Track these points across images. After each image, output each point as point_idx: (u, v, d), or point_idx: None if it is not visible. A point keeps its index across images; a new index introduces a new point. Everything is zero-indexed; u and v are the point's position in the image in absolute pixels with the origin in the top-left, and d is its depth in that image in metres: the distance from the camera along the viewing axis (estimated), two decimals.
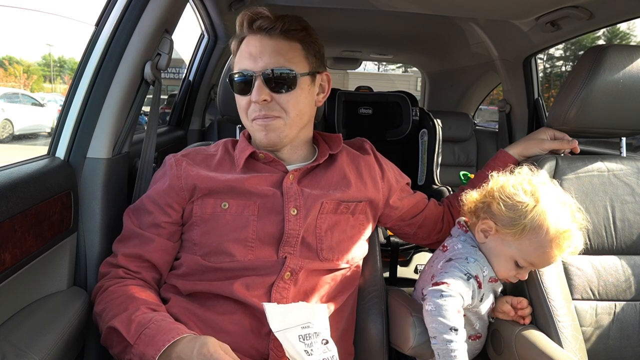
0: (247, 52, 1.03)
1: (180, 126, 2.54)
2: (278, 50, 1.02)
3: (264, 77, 1.00)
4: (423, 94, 4.16)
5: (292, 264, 1.01)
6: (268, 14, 1.02)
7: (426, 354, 1.04)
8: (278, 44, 1.02)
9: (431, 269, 1.13)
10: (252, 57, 1.02)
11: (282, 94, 1.02)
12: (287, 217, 1.03)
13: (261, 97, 1.00)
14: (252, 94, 1.01)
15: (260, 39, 1.02)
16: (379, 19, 2.47)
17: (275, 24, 1.01)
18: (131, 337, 0.86)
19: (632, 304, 1.17)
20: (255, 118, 1.04)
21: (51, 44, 36.33)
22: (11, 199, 0.86)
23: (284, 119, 1.04)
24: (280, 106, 1.03)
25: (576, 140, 1.28)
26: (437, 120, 2.28)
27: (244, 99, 1.05)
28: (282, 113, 1.03)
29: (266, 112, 1.02)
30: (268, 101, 1.01)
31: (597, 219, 1.21)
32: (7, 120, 8.54)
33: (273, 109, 1.02)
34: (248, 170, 1.08)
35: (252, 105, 1.03)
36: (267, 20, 1.02)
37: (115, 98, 1.17)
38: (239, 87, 1.05)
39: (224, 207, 1.04)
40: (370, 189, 1.15)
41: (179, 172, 1.06)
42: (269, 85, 1.01)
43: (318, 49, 1.09)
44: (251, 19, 1.03)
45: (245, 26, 1.04)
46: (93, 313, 1.00)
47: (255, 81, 1.01)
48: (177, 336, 0.84)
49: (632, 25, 8.85)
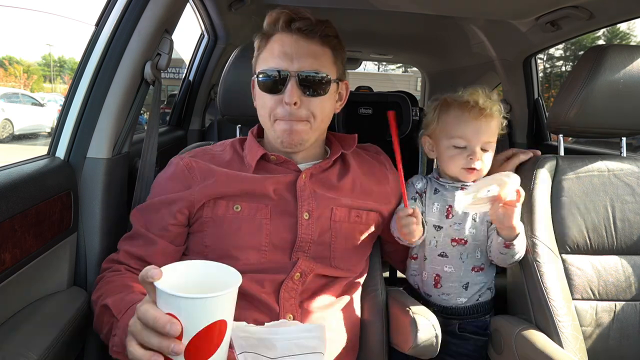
0: (280, 51, 1.01)
1: (180, 126, 2.53)
2: (314, 54, 1.01)
3: (299, 78, 0.99)
4: (423, 94, 4.16)
5: (303, 266, 1.01)
6: (310, 16, 1.01)
7: (426, 353, 1.04)
8: (314, 47, 1.02)
9: None
10: (287, 56, 1.00)
11: (312, 98, 1.01)
12: (300, 222, 1.03)
13: (293, 99, 0.98)
14: (284, 94, 0.99)
15: (296, 40, 1.01)
16: (379, 19, 2.47)
17: (315, 27, 1.01)
18: (119, 312, 0.85)
19: (632, 303, 1.17)
20: (280, 119, 1.02)
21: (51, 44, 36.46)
22: (11, 199, 0.86)
23: (311, 123, 1.03)
24: (309, 110, 1.01)
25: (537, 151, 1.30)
26: None
27: (272, 98, 1.02)
28: (310, 117, 1.02)
29: (296, 113, 1.00)
30: (298, 104, 1.00)
31: (598, 218, 1.21)
32: (7, 120, 8.54)
33: (301, 112, 1.01)
34: (260, 171, 1.07)
35: (281, 106, 1.01)
36: (308, 22, 1.01)
37: (115, 98, 1.17)
38: (269, 85, 1.02)
39: (237, 210, 1.03)
40: (381, 202, 1.15)
41: (192, 176, 1.05)
42: (302, 88, 0.99)
43: (343, 57, 1.09)
44: (290, 18, 1.01)
45: (282, 24, 1.02)
46: (91, 302, 1.00)
47: (288, 81, 0.99)
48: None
49: (632, 25, 8.86)
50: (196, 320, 0.62)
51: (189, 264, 0.70)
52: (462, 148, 1.17)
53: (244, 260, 1.00)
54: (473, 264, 1.20)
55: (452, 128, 1.18)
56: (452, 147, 1.18)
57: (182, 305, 0.62)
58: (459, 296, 1.20)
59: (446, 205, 1.21)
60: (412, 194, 1.25)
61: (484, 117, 1.15)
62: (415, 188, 1.26)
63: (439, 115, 1.21)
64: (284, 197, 1.05)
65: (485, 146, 1.18)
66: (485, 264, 1.21)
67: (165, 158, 1.25)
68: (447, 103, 1.20)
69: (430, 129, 1.25)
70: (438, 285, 1.20)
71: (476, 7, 1.84)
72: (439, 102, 1.23)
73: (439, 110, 1.22)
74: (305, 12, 1.02)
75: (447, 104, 1.20)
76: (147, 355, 0.65)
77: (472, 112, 1.15)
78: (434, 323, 1.03)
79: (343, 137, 1.20)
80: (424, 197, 1.24)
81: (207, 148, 1.16)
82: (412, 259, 1.27)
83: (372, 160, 1.22)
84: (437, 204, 1.22)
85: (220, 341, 0.64)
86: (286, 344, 0.93)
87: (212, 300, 0.62)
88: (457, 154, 1.18)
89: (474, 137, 1.16)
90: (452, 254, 1.19)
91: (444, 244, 1.20)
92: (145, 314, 0.64)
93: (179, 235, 1.05)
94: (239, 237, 1.01)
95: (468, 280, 1.20)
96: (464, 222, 1.19)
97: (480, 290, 1.21)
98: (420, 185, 1.26)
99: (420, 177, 1.28)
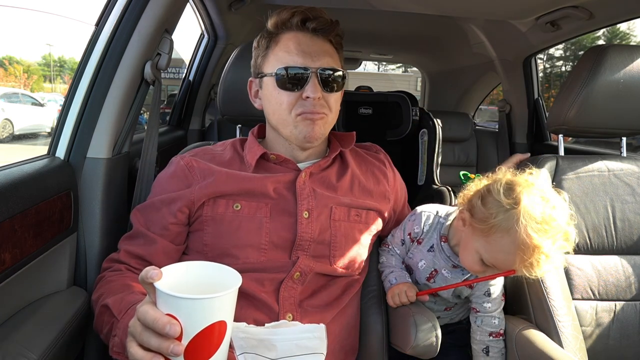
0: (297, 49, 1.03)
1: (180, 126, 2.54)
2: (329, 52, 1.06)
3: (320, 74, 1.02)
4: (423, 94, 4.16)
5: (302, 265, 1.02)
6: (326, 17, 1.06)
7: (426, 353, 1.04)
8: (327, 46, 1.06)
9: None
10: (306, 54, 1.03)
11: (331, 94, 1.05)
12: (299, 220, 1.03)
13: (317, 94, 1.01)
14: (306, 90, 1.02)
15: (311, 38, 1.04)
16: (379, 19, 2.47)
17: (330, 27, 1.05)
18: (119, 312, 0.85)
19: (632, 303, 1.17)
20: (302, 113, 1.04)
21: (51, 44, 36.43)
22: (11, 199, 0.86)
23: (328, 117, 1.07)
24: (327, 105, 1.05)
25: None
26: (437, 120, 2.28)
27: (292, 95, 1.03)
28: (328, 111, 1.06)
29: (318, 108, 1.04)
30: (320, 99, 1.03)
31: (598, 218, 1.21)
32: (7, 120, 8.53)
33: (323, 107, 1.05)
34: (259, 170, 1.08)
35: (302, 101, 1.03)
36: (324, 22, 1.05)
37: (115, 98, 1.17)
38: (290, 82, 1.03)
39: (236, 209, 1.03)
40: (380, 201, 1.16)
41: (192, 174, 1.05)
42: (324, 84, 1.03)
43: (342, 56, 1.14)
44: (306, 17, 1.04)
45: (296, 23, 1.04)
46: (91, 302, 0.99)
47: (310, 78, 1.02)
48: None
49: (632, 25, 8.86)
50: (196, 321, 0.62)
51: (189, 265, 0.70)
52: (484, 264, 1.01)
53: (243, 259, 1.00)
54: (458, 314, 1.23)
55: (494, 250, 0.96)
56: (479, 256, 1.00)
57: (182, 305, 0.62)
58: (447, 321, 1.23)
59: (432, 269, 1.13)
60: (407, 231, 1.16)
61: (530, 267, 0.93)
62: (414, 228, 1.14)
63: (499, 228, 0.93)
64: (284, 196, 1.05)
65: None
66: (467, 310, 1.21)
67: (165, 158, 1.25)
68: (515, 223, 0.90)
69: (477, 223, 0.97)
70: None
71: (476, 7, 1.84)
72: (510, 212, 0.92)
73: (501, 222, 0.93)
74: (322, 12, 1.06)
75: (514, 223, 0.91)
76: (148, 357, 0.65)
77: (522, 262, 0.92)
78: (434, 323, 1.04)
79: (342, 136, 1.21)
80: (413, 244, 1.16)
81: (207, 148, 1.16)
82: None
83: (371, 159, 1.22)
84: (424, 262, 1.13)
85: (220, 342, 0.64)
86: (286, 345, 0.93)
87: (212, 301, 0.62)
88: (479, 263, 1.01)
89: (503, 267, 0.99)
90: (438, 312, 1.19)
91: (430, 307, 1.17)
92: (145, 315, 0.64)
93: (179, 235, 1.05)
94: (238, 235, 1.01)
95: (455, 315, 1.23)
96: (447, 299, 1.17)
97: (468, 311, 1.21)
98: (418, 230, 1.14)
99: (430, 221, 1.13)
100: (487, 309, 1.12)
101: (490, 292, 1.12)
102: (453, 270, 1.12)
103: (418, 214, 1.16)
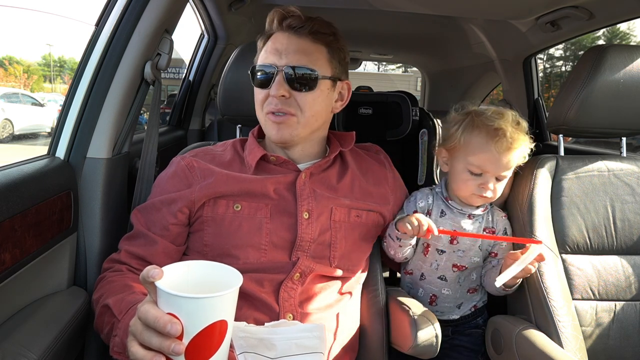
0: (273, 48, 1.04)
1: (180, 126, 2.54)
2: (303, 50, 1.03)
3: (285, 73, 1.01)
4: (423, 94, 4.16)
5: (303, 266, 1.02)
6: (299, 14, 1.04)
7: (426, 353, 1.04)
8: (304, 43, 1.03)
9: None
10: (277, 52, 1.03)
11: (301, 93, 1.03)
12: (299, 221, 1.03)
13: (279, 92, 1.01)
14: (271, 88, 1.02)
15: (287, 37, 1.04)
16: (379, 19, 2.47)
17: (305, 24, 1.03)
18: (119, 312, 0.85)
19: (632, 303, 1.17)
20: (270, 112, 1.04)
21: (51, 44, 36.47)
22: (11, 199, 0.86)
23: (299, 117, 1.04)
24: (297, 104, 1.03)
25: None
26: (437, 120, 2.28)
27: (262, 92, 1.05)
28: (297, 111, 1.03)
29: (282, 107, 1.02)
30: (286, 97, 1.02)
31: (597, 218, 1.21)
32: (7, 120, 8.53)
33: (290, 105, 1.03)
34: (260, 171, 1.08)
35: (269, 99, 1.03)
36: (297, 19, 1.04)
37: (115, 98, 1.17)
38: (259, 80, 1.05)
39: (237, 209, 1.03)
40: (381, 202, 1.16)
41: (192, 175, 1.05)
42: (290, 82, 1.01)
43: (343, 57, 1.10)
44: (282, 16, 1.04)
45: (276, 23, 1.05)
46: (91, 302, 1.00)
47: (276, 76, 1.02)
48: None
49: (632, 25, 8.86)
50: (197, 320, 0.62)
51: (190, 264, 0.70)
52: (476, 175, 1.12)
53: (243, 259, 1.00)
54: (469, 286, 1.21)
55: (472, 154, 1.11)
56: (467, 172, 1.12)
57: (183, 305, 0.62)
58: (452, 313, 1.22)
59: (452, 230, 1.17)
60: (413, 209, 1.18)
61: (509, 151, 1.09)
62: (418, 206, 1.19)
63: (463, 133, 1.13)
64: (284, 197, 1.05)
65: (501, 177, 1.13)
66: (479, 285, 1.23)
67: (165, 158, 1.25)
68: (474, 124, 1.12)
69: (449, 144, 1.16)
70: (433, 304, 1.21)
71: (476, 7, 1.84)
72: (466, 119, 1.14)
73: (463, 128, 1.13)
74: (295, 9, 1.04)
75: (473, 125, 1.12)
76: (149, 356, 0.65)
77: (498, 145, 1.08)
78: (434, 323, 1.04)
79: (342, 135, 1.21)
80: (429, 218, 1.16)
81: (208, 148, 1.16)
82: (407, 273, 1.25)
83: (371, 160, 1.22)
84: (443, 228, 1.15)
85: (221, 341, 0.64)
86: (286, 344, 0.93)
87: (213, 300, 0.62)
88: (470, 179, 1.12)
89: (491, 169, 1.10)
90: (451, 278, 1.19)
91: (445, 268, 1.18)
92: (146, 314, 0.64)
93: (179, 235, 1.05)
94: (239, 235, 1.01)
95: (462, 300, 1.22)
96: (468, 251, 1.17)
97: (472, 306, 1.23)
98: (423, 204, 1.19)
99: (426, 194, 1.21)
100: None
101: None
102: (469, 221, 1.17)
103: (415, 192, 1.22)
